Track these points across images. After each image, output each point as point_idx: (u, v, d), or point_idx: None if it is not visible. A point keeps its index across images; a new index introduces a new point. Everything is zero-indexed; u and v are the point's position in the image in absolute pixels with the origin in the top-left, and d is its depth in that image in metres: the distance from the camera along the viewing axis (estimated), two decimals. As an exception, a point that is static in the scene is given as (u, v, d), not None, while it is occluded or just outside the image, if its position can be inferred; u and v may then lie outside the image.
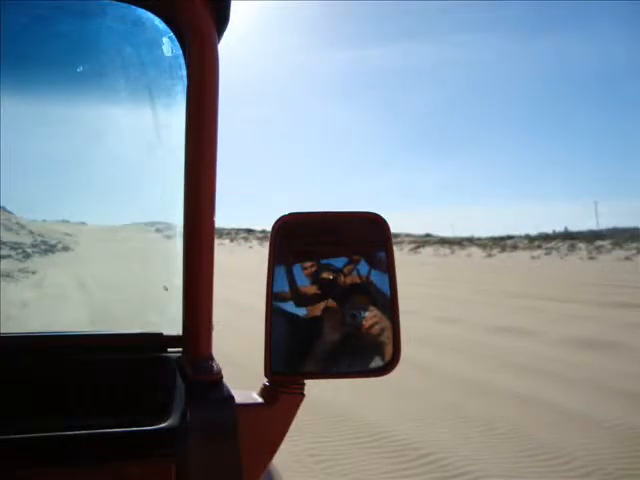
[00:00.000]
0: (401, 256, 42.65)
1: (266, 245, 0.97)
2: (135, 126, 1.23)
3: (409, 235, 72.62)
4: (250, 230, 78.50)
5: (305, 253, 0.95)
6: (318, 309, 0.93)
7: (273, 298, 0.92)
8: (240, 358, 6.49)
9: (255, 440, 0.93)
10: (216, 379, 0.91)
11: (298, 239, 0.96)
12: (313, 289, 0.93)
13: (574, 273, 25.70)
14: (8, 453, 0.80)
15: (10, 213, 2.21)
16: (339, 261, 0.94)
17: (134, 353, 1.09)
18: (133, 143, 1.26)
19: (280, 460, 1.12)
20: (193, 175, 0.93)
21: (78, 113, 1.28)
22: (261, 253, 33.75)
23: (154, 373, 1.06)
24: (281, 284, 0.92)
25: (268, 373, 0.92)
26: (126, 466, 0.84)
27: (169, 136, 1.08)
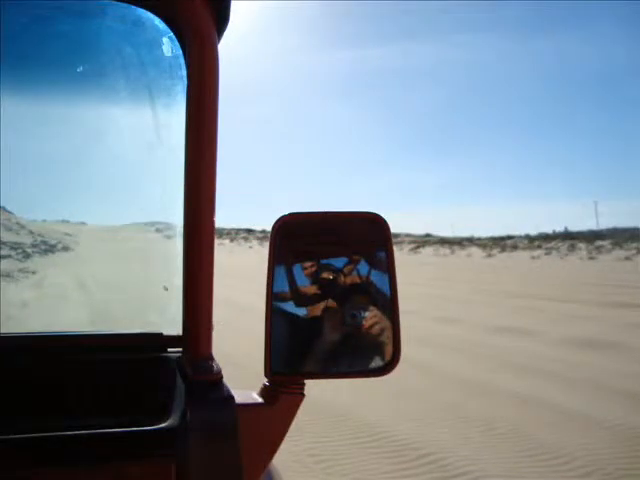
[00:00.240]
0: (401, 256, 42.65)
1: (266, 245, 0.97)
2: (135, 126, 1.23)
3: (409, 235, 72.62)
4: (250, 230, 78.49)
5: (305, 253, 0.95)
6: (318, 309, 0.93)
7: (273, 298, 0.92)
8: (240, 358, 6.49)
9: (255, 440, 0.93)
10: (216, 379, 0.91)
11: (298, 239, 0.96)
12: (313, 289, 0.93)
13: (574, 273, 25.70)
14: (8, 453, 0.80)
15: (10, 213, 2.21)
16: (339, 261, 0.94)
17: (134, 353, 1.09)
18: (133, 143, 1.26)
19: (280, 460, 1.12)
20: (193, 175, 0.93)
21: (78, 113, 1.28)
22: (261, 253, 33.75)
23: (154, 373, 1.06)
24: (281, 284, 0.93)
25: (268, 373, 0.92)
26: (126, 466, 0.84)
27: (169, 136, 1.08)
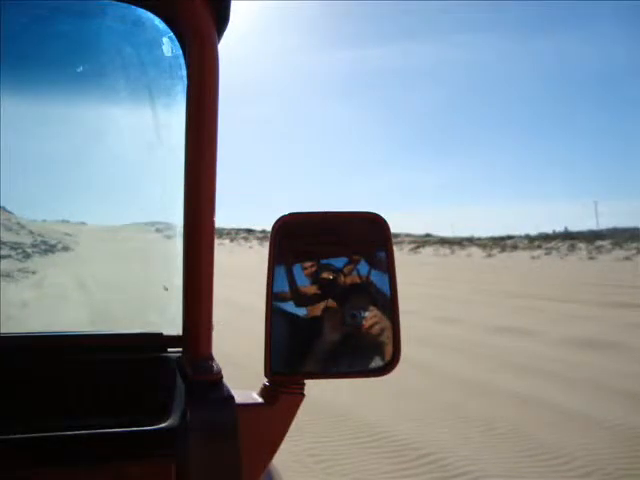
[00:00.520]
0: (401, 256, 42.65)
1: (266, 245, 0.97)
2: (135, 126, 1.23)
3: (409, 235, 72.61)
4: (250, 230, 78.49)
5: (305, 253, 0.95)
6: (318, 309, 0.93)
7: (273, 298, 0.92)
8: (240, 358, 6.49)
9: (255, 440, 0.93)
10: (216, 379, 0.91)
11: (298, 239, 0.96)
12: (313, 289, 0.93)
13: (574, 273, 25.70)
14: (8, 453, 0.80)
15: (10, 213, 2.21)
16: (339, 261, 0.94)
17: (134, 353, 1.09)
18: (133, 143, 1.26)
19: (280, 460, 1.12)
20: (193, 175, 0.93)
21: (78, 113, 1.28)
22: (261, 253, 33.75)
23: (154, 373, 1.06)
24: (281, 284, 0.93)
25: (268, 373, 0.92)
26: (126, 466, 0.84)
27: (169, 136, 1.08)
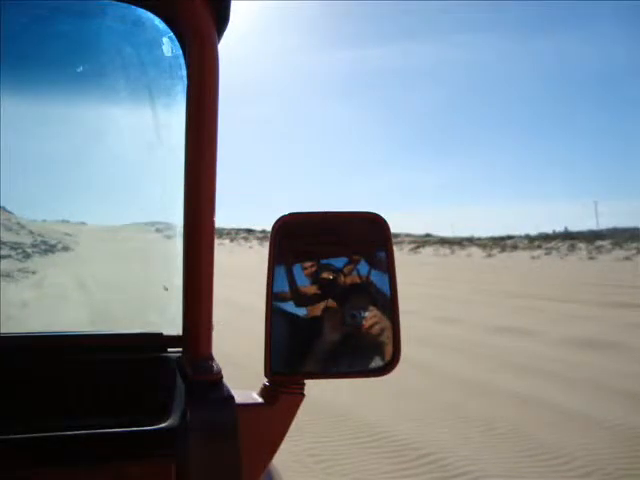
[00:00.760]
0: (401, 256, 42.65)
1: (266, 245, 0.97)
2: (135, 126, 1.23)
3: (409, 235, 72.61)
4: (250, 230, 78.49)
5: (305, 253, 0.95)
6: (318, 309, 0.93)
7: (273, 298, 0.92)
8: (240, 358, 6.49)
9: (255, 440, 0.93)
10: (216, 379, 0.91)
11: (298, 239, 0.96)
12: (313, 289, 0.93)
13: (574, 273, 25.70)
14: (8, 453, 0.80)
15: (10, 213, 2.20)
16: (339, 261, 0.94)
17: (134, 353, 1.09)
18: (133, 143, 1.26)
19: (280, 460, 1.12)
20: (193, 175, 0.93)
21: (78, 113, 1.28)
22: (261, 253, 33.75)
23: (154, 373, 1.06)
24: (281, 284, 0.93)
25: (268, 373, 0.92)
26: (126, 466, 0.84)
27: (169, 136, 1.08)
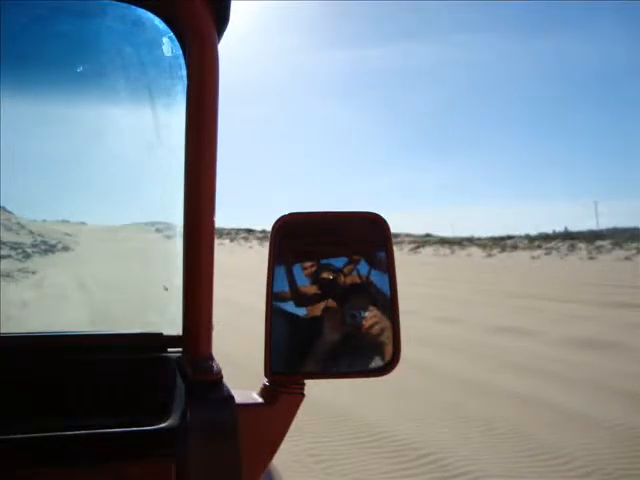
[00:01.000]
0: (401, 256, 42.65)
1: (266, 245, 0.97)
2: (135, 126, 1.23)
3: (409, 235, 72.60)
4: (250, 230, 78.48)
5: (305, 253, 0.95)
6: (318, 309, 0.93)
7: (273, 298, 0.92)
8: (240, 358, 6.49)
9: (255, 440, 0.93)
10: (216, 379, 0.91)
11: (298, 239, 0.96)
12: (313, 289, 0.93)
13: (574, 273, 25.69)
14: (8, 453, 0.80)
15: (10, 213, 2.21)
16: (339, 261, 0.94)
17: (134, 353, 1.09)
18: (133, 143, 1.26)
19: (280, 460, 1.12)
20: (193, 175, 0.93)
21: (78, 113, 1.28)
22: (261, 253, 33.75)
23: (154, 373, 1.06)
24: (281, 284, 0.93)
25: (268, 373, 0.92)
26: (126, 466, 0.84)
27: (169, 136, 1.08)
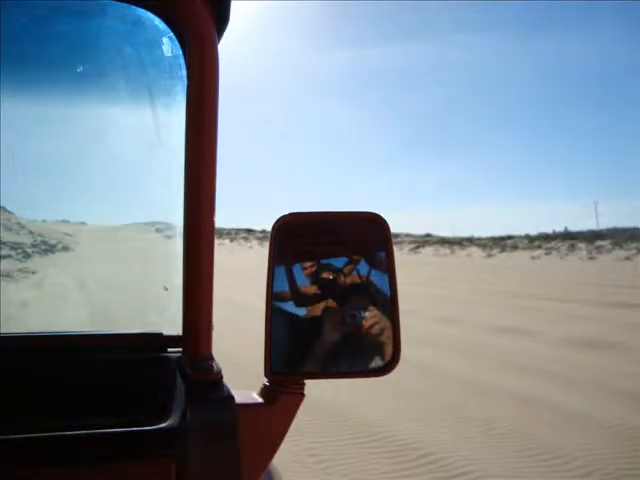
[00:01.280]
0: (401, 256, 42.65)
1: (266, 245, 0.98)
2: (135, 126, 1.23)
3: (409, 235, 72.61)
4: (250, 230, 78.48)
5: (305, 253, 0.95)
6: (318, 309, 0.93)
7: (273, 298, 0.92)
8: (240, 358, 6.49)
9: (255, 440, 0.93)
10: (216, 379, 0.91)
11: (298, 239, 0.96)
12: (313, 289, 0.93)
13: (574, 273, 25.69)
14: (8, 453, 0.80)
15: (10, 213, 2.21)
16: (339, 261, 0.94)
17: (134, 353, 1.09)
18: (133, 143, 1.26)
19: (280, 460, 1.12)
20: (193, 175, 0.93)
21: (78, 113, 1.28)
22: (261, 253, 33.75)
23: (154, 373, 1.06)
24: (281, 284, 0.93)
25: (268, 373, 0.92)
26: (126, 466, 0.84)
27: (169, 136, 1.08)
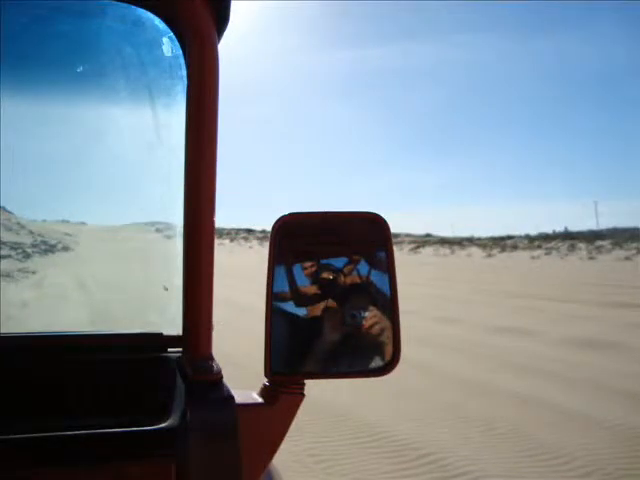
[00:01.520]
0: (401, 256, 42.65)
1: (266, 245, 0.98)
2: (135, 126, 1.23)
3: (409, 235, 72.61)
4: (250, 230, 78.48)
5: (305, 253, 0.95)
6: (318, 309, 0.93)
7: (273, 298, 0.92)
8: (240, 358, 6.49)
9: (255, 440, 0.93)
10: (216, 379, 0.91)
11: (298, 239, 0.96)
12: (313, 289, 0.93)
13: (574, 273, 25.69)
14: (8, 453, 0.80)
15: (10, 213, 2.20)
16: (339, 261, 0.94)
17: (134, 353, 1.09)
18: (133, 143, 1.26)
19: (280, 460, 1.12)
20: (193, 175, 0.93)
21: (78, 113, 1.28)
22: (261, 253, 33.75)
23: (154, 373, 1.06)
24: (281, 284, 0.93)
25: (268, 373, 0.92)
26: (126, 466, 0.84)
27: (169, 136, 1.08)
